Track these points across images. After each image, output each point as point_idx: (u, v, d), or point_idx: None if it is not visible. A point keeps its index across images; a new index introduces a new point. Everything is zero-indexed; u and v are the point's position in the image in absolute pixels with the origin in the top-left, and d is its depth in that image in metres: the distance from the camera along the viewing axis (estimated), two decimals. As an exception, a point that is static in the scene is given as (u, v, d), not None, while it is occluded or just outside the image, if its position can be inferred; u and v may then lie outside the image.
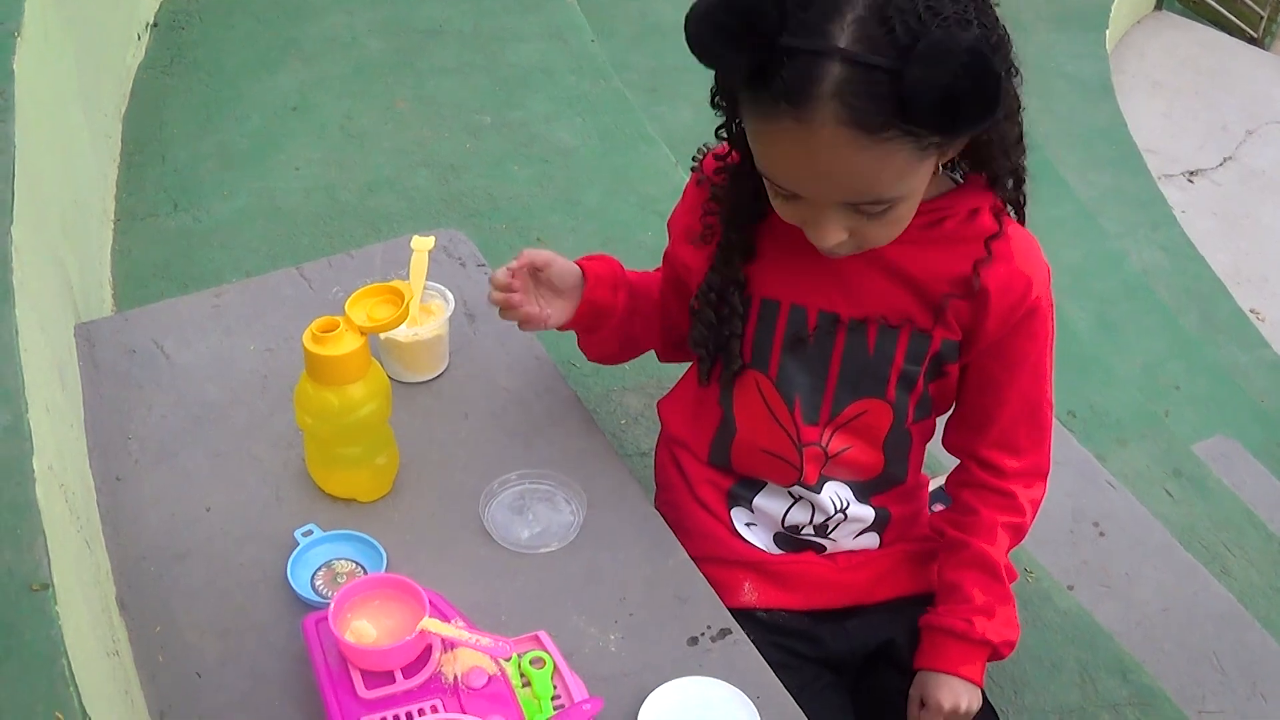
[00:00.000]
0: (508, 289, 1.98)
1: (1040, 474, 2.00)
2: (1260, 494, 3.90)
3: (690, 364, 2.09)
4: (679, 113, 4.70)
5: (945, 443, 2.04)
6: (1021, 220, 1.84)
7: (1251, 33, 8.96)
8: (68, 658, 1.32)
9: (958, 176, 1.81)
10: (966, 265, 1.78)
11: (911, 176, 1.58)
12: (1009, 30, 1.61)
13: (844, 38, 1.45)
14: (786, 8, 1.47)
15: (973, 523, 1.98)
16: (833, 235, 1.64)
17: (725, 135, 1.79)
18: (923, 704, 1.96)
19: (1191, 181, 7.18)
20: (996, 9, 1.59)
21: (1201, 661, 2.77)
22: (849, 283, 1.82)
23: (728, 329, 1.89)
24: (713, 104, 1.72)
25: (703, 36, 1.52)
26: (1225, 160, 7.41)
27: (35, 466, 1.55)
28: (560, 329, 2.08)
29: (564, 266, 2.02)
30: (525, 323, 2.02)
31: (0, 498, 1.50)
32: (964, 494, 2.01)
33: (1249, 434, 4.50)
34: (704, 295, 1.91)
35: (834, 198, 1.60)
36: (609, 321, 2.09)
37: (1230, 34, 8.96)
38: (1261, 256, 6.67)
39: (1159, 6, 8.94)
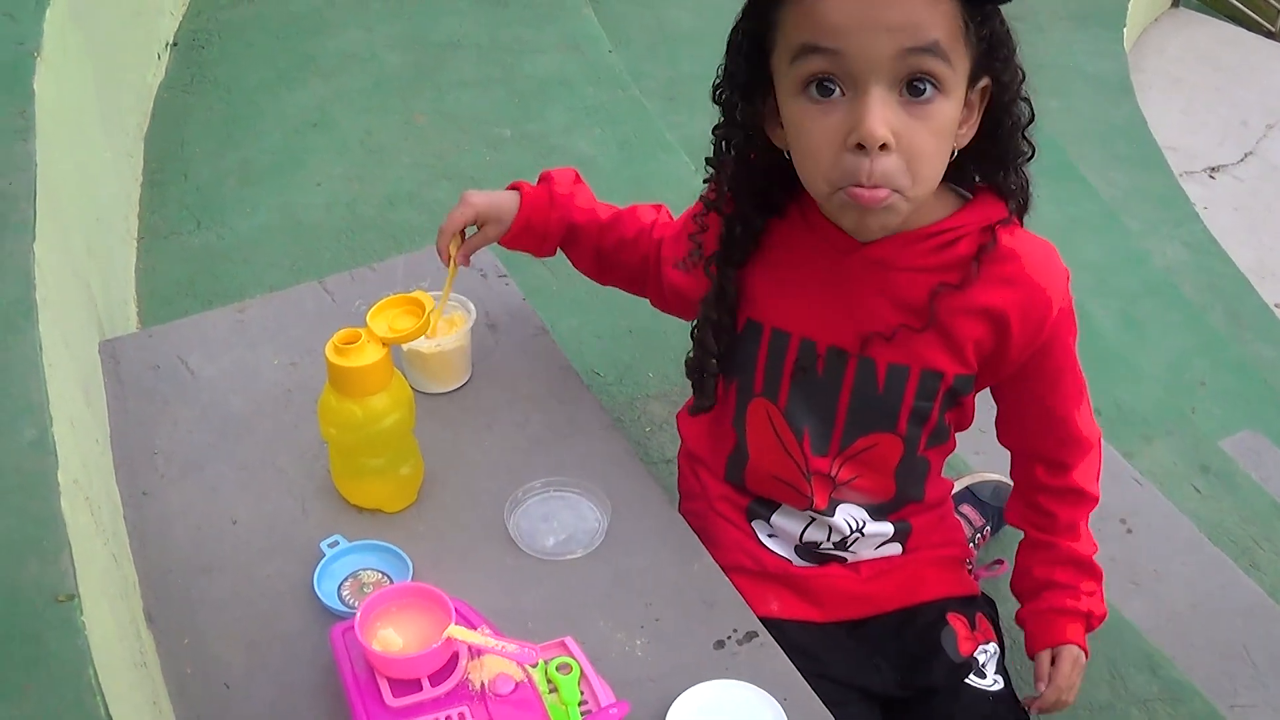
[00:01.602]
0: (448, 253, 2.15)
1: (1093, 445, 2.03)
2: (1289, 488, 3.88)
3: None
4: (697, 121, 4.63)
5: (1000, 440, 2.07)
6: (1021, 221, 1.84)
7: (1269, 26, 8.93)
8: (94, 667, 1.33)
9: (967, 194, 1.81)
10: (980, 289, 1.78)
11: (955, 52, 1.58)
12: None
13: None
14: None
15: (1054, 524, 2.05)
16: (878, 117, 1.57)
17: (724, 144, 1.84)
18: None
19: (1213, 177, 7.15)
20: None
21: (1232, 655, 2.76)
22: (859, 313, 1.82)
23: (706, 366, 1.94)
24: (714, 98, 1.74)
25: None
26: (1246, 155, 7.38)
27: (60, 480, 1.56)
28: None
29: (501, 231, 2.19)
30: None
31: (25, 511, 1.51)
32: (1039, 499, 2.05)
33: (1276, 428, 4.46)
34: (696, 327, 1.96)
35: (888, 42, 1.55)
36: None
37: (1248, 29, 8.93)
38: (1285, 251, 6.65)
39: (1176, 3, 8.91)
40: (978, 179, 1.80)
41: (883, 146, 1.58)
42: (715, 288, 1.90)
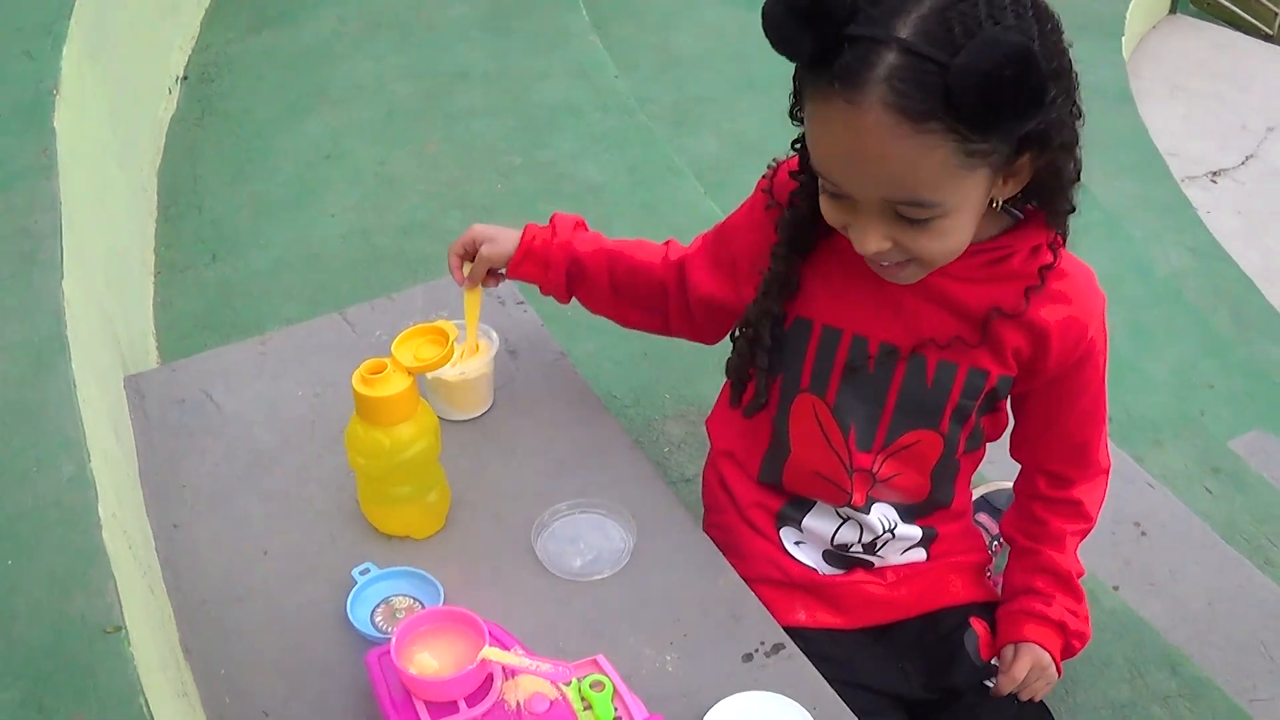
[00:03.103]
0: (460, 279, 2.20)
1: (1102, 472, 2.06)
2: (1300, 486, 3.91)
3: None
4: (704, 143, 4.75)
5: (1012, 454, 2.10)
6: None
7: (1267, 30, 8.97)
8: (144, 696, 1.36)
9: (1018, 213, 1.83)
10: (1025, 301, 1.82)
11: (953, 185, 1.59)
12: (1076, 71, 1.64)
13: (905, 29, 1.49)
14: (859, 1, 1.52)
15: (1042, 532, 2.06)
16: (872, 239, 1.65)
17: (798, 146, 1.82)
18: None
19: (1215, 182, 7.18)
20: (1068, 49, 1.63)
21: (1250, 651, 2.78)
22: (910, 316, 1.85)
23: (758, 360, 1.95)
24: (791, 115, 1.74)
25: (776, 16, 1.55)
26: (1247, 159, 7.41)
27: (100, 514, 1.59)
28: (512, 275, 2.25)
29: (499, 252, 2.19)
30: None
31: (69, 544, 1.54)
32: (1034, 507, 2.08)
33: (1285, 429, 4.51)
34: (741, 324, 1.97)
35: (874, 191, 1.61)
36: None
37: (1246, 33, 8.97)
38: (1289, 253, 6.68)
39: (1174, 10, 8.95)
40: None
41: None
42: (778, 277, 1.91)
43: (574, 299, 2.27)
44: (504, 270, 2.22)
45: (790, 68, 1.63)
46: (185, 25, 4.52)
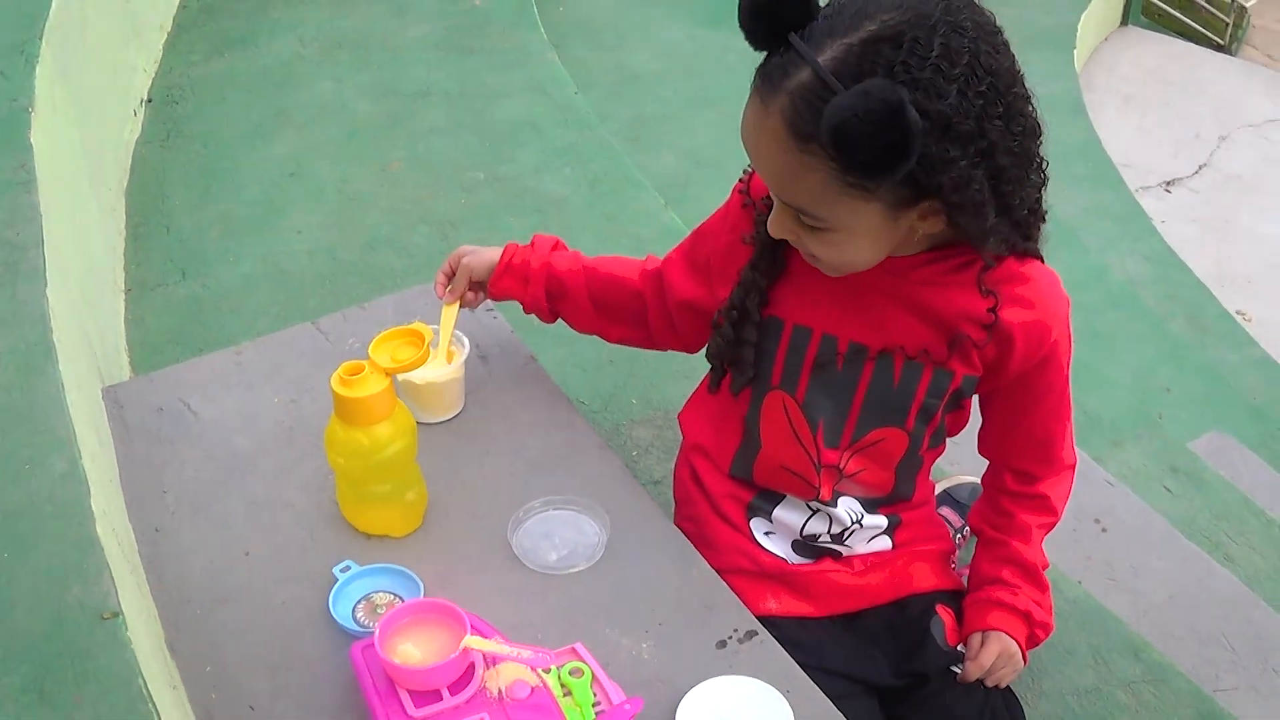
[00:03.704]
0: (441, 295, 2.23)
1: (1067, 468, 2.12)
2: (1258, 484, 3.96)
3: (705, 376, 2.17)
4: (661, 160, 4.80)
5: (980, 450, 2.15)
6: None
7: (1218, 40, 9.09)
8: (144, 678, 1.39)
9: None
10: (989, 306, 1.86)
11: (834, 205, 1.66)
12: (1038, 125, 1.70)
13: (827, 54, 1.57)
14: (813, 12, 1.61)
15: (1009, 525, 2.11)
16: (776, 226, 1.78)
17: None
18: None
19: (1169, 191, 7.27)
20: (1025, 113, 1.68)
21: (1212, 643, 2.83)
22: (878, 316, 1.90)
23: (743, 342, 1.99)
24: None
25: (744, 3, 1.63)
26: (1201, 168, 7.51)
27: (93, 507, 1.63)
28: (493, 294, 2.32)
29: (480, 264, 2.27)
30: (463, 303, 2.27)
31: (64, 536, 1.58)
32: (1001, 500, 2.13)
33: (1243, 429, 4.55)
34: (725, 310, 2.01)
35: (772, 188, 1.73)
36: (524, 307, 2.30)
37: (1197, 43, 9.08)
38: (1243, 259, 6.76)
39: (1125, 22, 9.05)
40: None
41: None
42: (749, 288, 1.97)
43: (560, 320, 2.33)
44: (485, 289, 2.28)
45: (746, 83, 1.70)
46: (148, 49, 4.55)
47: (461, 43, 4.94)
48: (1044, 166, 1.76)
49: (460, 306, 2.28)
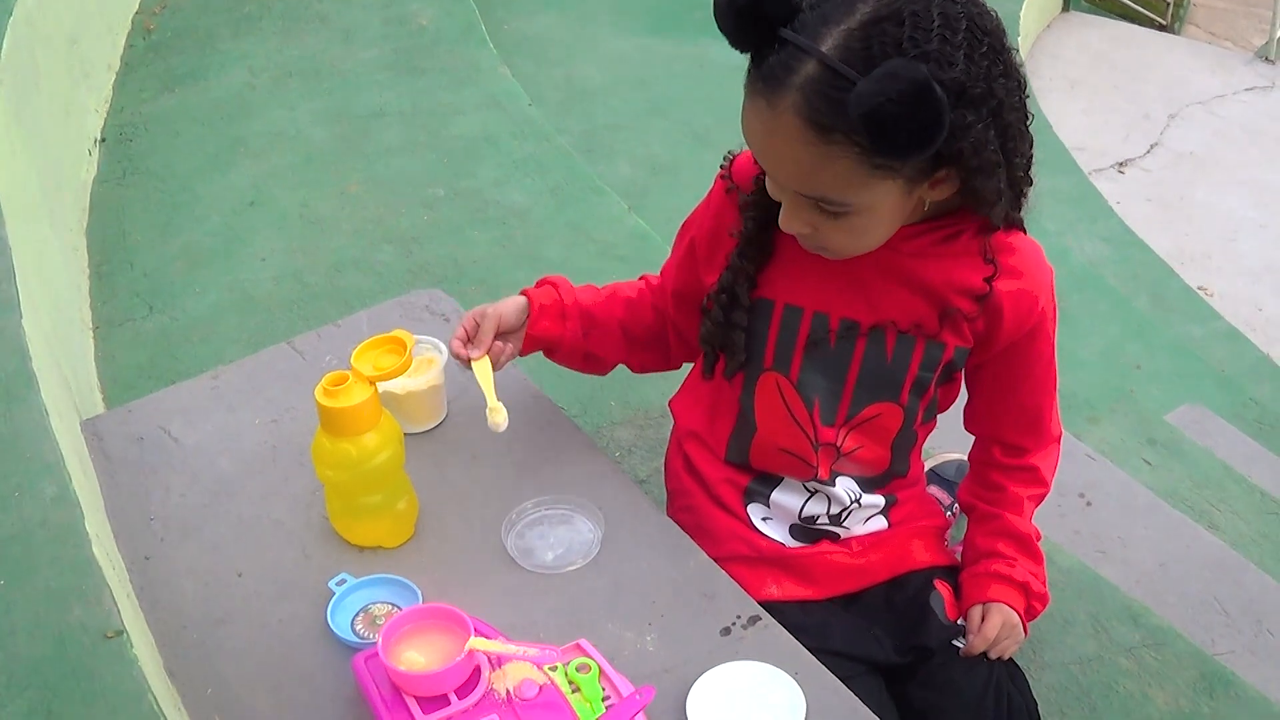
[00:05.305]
0: (466, 355, 2.09)
1: (1054, 440, 2.15)
2: (1235, 452, 3.99)
3: (694, 363, 2.18)
4: (617, 169, 4.81)
5: (967, 426, 2.17)
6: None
7: (1160, 20, 9.17)
8: (153, 694, 1.38)
9: None
10: (979, 276, 1.88)
11: (860, 189, 1.67)
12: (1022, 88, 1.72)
13: (828, 43, 1.57)
14: (796, 6, 1.60)
15: (1001, 498, 2.13)
16: (792, 222, 1.76)
17: None
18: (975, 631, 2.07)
19: (1122, 172, 7.32)
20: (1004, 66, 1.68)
21: (1205, 608, 2.85)
22: (869, 291, 1.91)
23: (733, 326, 1.99)
24: None
25: (721, 8, 1.63)
26: (1152, 147, 7.56)
27: (88, 529, 1.61)
28: (521, 355, 2.20)
29: (508, 309, 2.14)
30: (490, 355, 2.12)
31: (61, 559, 1.56)
32: (991, 474, 2.15)
33: (1215, 400, 4.59)
34: (715, 294, 2.01)
35: (789, 184, 1.71)
36: (561, 347, 2.21)
37: (1139, 25, 9.14)
38: (1200, 235, 6.81)
39: (1066, 8, 9.11)
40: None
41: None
42: (737, 273, 1.97)
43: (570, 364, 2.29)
44: (514, 337, 2.17)
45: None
46: (98, 89, 4.52)
47: (411, 63, 4.93)
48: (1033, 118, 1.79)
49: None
